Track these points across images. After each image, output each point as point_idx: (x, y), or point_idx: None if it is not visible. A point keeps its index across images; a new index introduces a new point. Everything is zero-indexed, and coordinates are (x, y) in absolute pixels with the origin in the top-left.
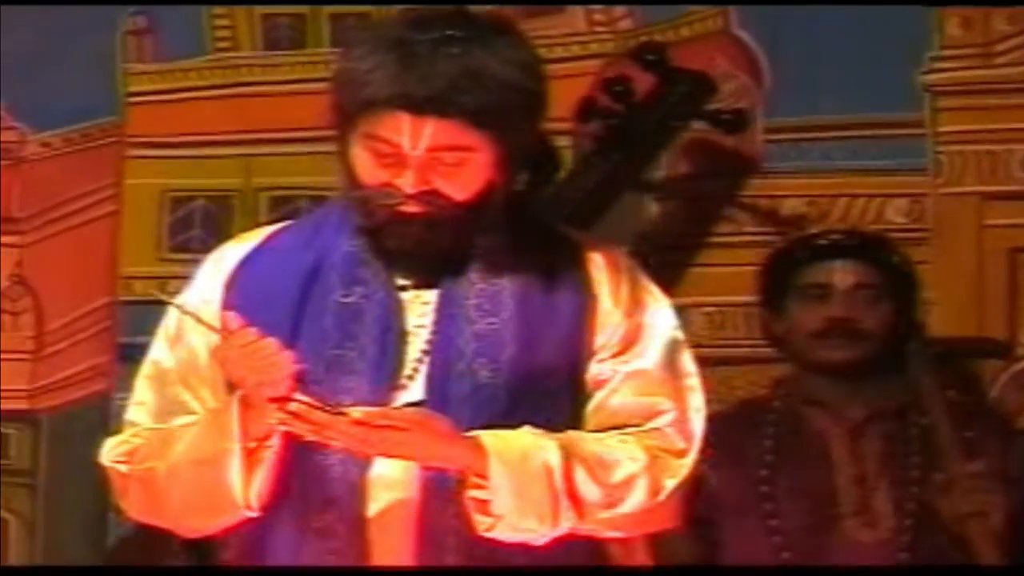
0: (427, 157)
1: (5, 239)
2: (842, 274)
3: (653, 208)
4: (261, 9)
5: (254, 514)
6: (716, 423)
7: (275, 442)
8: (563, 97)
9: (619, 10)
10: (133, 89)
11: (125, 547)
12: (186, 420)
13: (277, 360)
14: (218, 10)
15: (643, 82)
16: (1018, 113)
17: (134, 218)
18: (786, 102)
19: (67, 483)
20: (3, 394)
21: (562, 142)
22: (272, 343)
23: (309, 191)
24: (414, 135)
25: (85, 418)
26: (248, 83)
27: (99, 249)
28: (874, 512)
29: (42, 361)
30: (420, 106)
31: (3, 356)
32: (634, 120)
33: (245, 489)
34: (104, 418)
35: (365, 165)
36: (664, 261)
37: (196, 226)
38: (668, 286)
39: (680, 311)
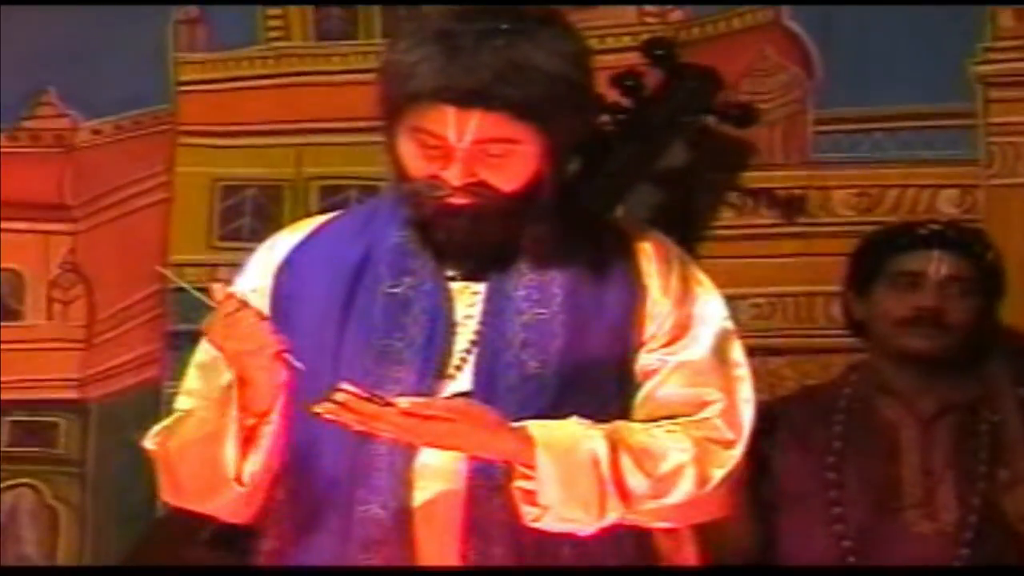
0: (473, 149)
1: (57, 227)
2: (938, 264)
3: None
4: None
5: (243, 489)
6: (786, 407)
7: (275, 419)
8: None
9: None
10: (184, 78)
11: (152, 535)
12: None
13: (256, 330)
14: None
15: (653, 77)
16: None
17: (185, 206)
18: (837, 93)
19: (116, 472)
20: (53, 383)
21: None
22: (253, 312)
23: (360, 181)
24: (459, 128)
25: (135, 406)
26: (300, 73)
27: (150, 237)
28: (937, 505)
29: (93, 349)
30: (465, 99)
31: (54, 345)
32: (643, 115)
33: (238, 463)
34: (154, 406)
35: (412, 157)
36: (713, 251)
37: (247, 215)
38: (717, 277)
39: (729, 302)
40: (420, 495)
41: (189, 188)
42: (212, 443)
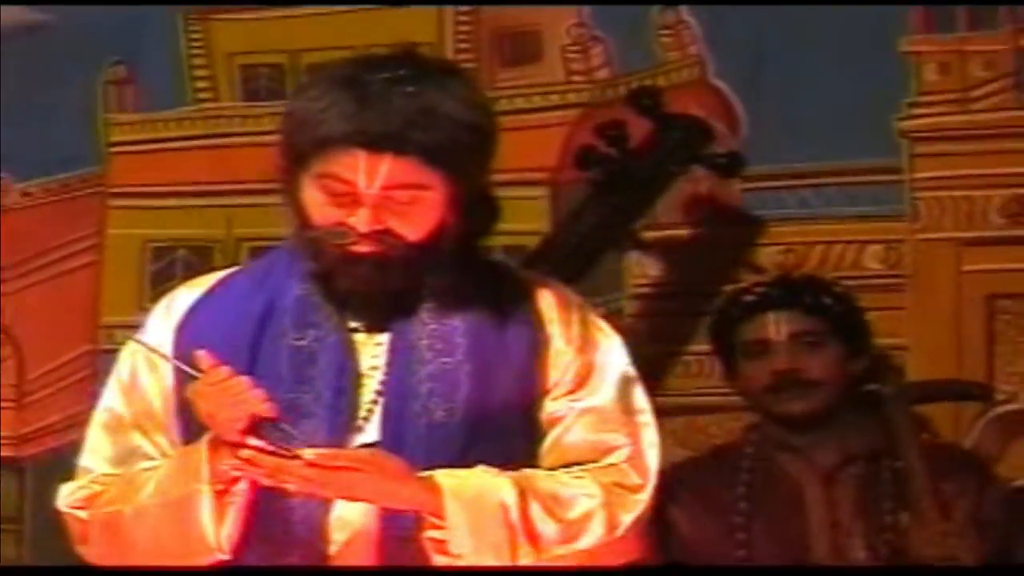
0: (381, 196)
1: None
2: (775, 326)
3: (632, 257)
4: (240, 59)
5: (226, 556)
6: (690, 469)
7: (244, 484)
8: (540, 146)
9: (596, 60)
10: (114, 139)
11: None
12: (148, 464)
13: (248, 397)
14: (198, 60)
15: (637, 127)
16: (995, 159)
17: (116, 268)
18: (763, 150)
19: (52, 530)
20: None
21: (539, 192)
22: (243, 380)
23: None
24: (369, 172)
25: (67, 466)
26: (229, 134)
27: (80, 298)
28: (847, 558)
29: (24, 409)
30: (376, 143)
31: None
32: (630, 166)
33: (217, 531)
34: None
35: (317, 205)
36: (641, 309)
37: (177, 276)
38: (645, 334)
39: (657, 360)
40: (335, 548)
41: (120, 250)
42: (181, 510)
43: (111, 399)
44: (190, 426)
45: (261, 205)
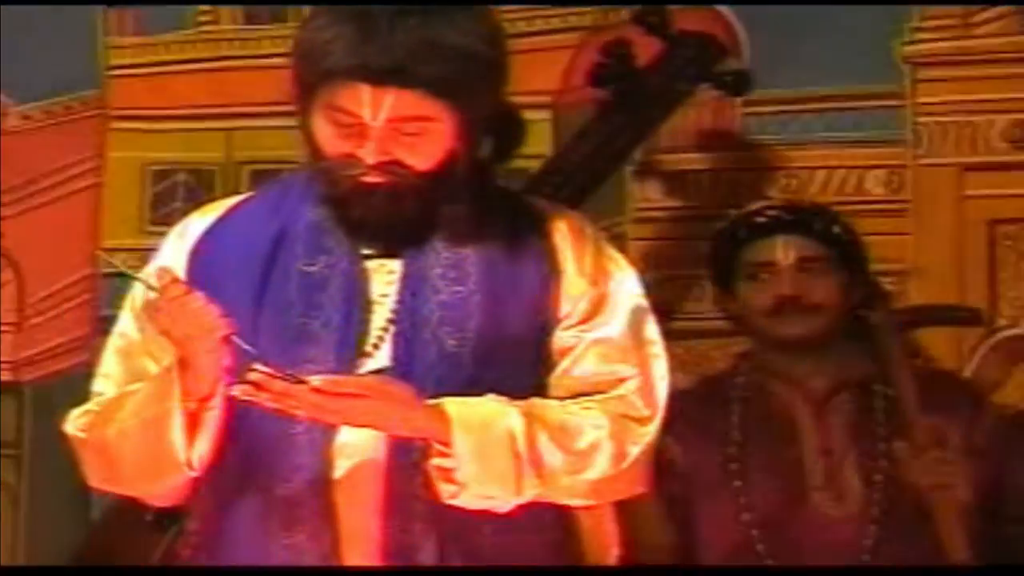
0: (387, 128)
1: None
2: (784, 250)
3: (634, 182)
4: None
5: (195, 474)
6: (682, 400)
7: (217, 403)
8: (543, 69)
9: None
10: (114, 62)
11: (105, 522)
12: (137, 386)
13: (202, 312)
14: None
15: (643, 46)
16: (997, 84)
17: (116, 191)
18: (765, 75)
19: (51, 454)
20: None
21: (542, 115)
22: (199, 296)
23: (290, 164)
24: (374, 106)
25: (68, 389)
26: (229, 57)
27: (81, 222)
28: (842, 485)
29: (24, 333)
30: (380, 77)
31: None
32: (639, 84)
33: (187, 448)
34: (86, 390)
35: (326, 136)
36: (644, 234)
37: (178, 200)
38: (647, 259)
39: (657, 283)
40: (340, 474)
41: (120, 173)
42: (155, 428)
43: (124, 323)
44: None
45: (261, 128)
